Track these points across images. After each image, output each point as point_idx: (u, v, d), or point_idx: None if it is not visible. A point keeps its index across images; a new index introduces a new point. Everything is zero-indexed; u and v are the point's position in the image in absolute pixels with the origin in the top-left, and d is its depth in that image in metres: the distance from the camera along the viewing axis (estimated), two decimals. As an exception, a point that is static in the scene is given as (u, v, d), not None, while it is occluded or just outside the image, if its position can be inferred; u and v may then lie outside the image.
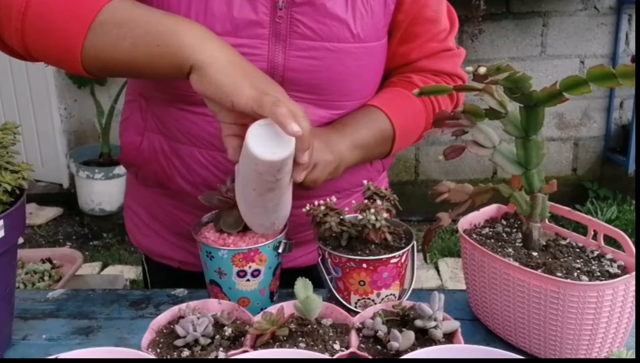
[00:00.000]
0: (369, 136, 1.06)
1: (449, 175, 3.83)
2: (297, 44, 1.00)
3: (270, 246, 0.96)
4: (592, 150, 3.94)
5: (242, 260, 0.94)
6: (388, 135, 1.08)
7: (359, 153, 1.05)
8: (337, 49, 1.01)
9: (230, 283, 0.96)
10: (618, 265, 0.85)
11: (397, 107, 1.09)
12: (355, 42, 1.02)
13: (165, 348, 0.83)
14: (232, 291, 0.96)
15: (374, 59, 1.08)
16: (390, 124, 1.08)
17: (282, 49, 0.99)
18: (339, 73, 1.03)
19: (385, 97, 1.11)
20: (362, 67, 1.06)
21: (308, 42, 1.00)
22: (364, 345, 0.82)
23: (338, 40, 1.01)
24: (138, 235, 1.24)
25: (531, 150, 0.86)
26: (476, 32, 3.49)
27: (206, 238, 0.97)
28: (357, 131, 1.05)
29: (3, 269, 0.88)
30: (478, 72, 0.80)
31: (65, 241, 3.74)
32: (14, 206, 0.86)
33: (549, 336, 0.83)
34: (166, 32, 0.85)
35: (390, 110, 1.08)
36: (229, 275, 0.95)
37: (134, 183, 1.24)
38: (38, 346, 0.95)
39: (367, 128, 1.06)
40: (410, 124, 1.11)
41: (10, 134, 0.91)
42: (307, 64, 1.01)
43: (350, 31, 1.01)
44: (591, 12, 3.68)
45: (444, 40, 1.14)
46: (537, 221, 0.89)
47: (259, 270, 0.96)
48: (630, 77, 0.74)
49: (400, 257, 0.92)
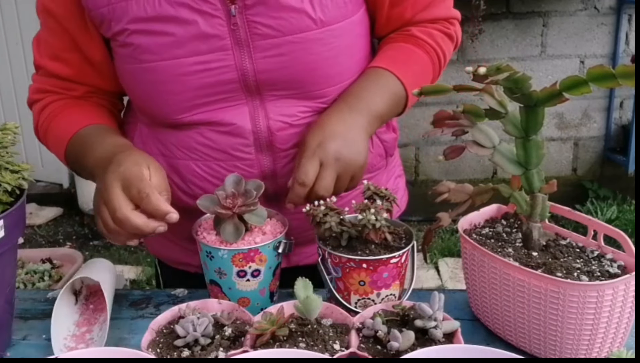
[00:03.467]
0: (384, 103, 1.06)
1: (449, 175, 3.83)
2: (261, 46, 0.99)
3: (270, 246, 0.96)
4: (592, 150, 3.94)
5: (242, 260, 0.94)
6: (401, 96, 1.08)
7: (378, 123, 1.07)
8: (301, 39, 1.00)
9: (230, 283, 0.96)
10: (618, 265, 0.85)
11: (404, 64, 1.09)
12: (318, 27, 1.01)
13: (165, 348, 0.83)
14: (232, 292, 0.96)
15: (346, 38, 1.06)
16: (402, 85, 1.07)
17: (248, 54, 0.99)
18: (310, 63, 1.02)
19: (389, 56, 1.11)
20: (334, 50, 1.04)
21: (271, 40, 0.99)
22: (364, 345, 0.82)
23: (300, 30, 1.00)
24: (156, 245, 1.27)
25: (531, 150, 0.86)
26: (476, 32, 3.49)
27: (206, 238, 0.97)
28: (372, 102, 1.05)
29: (3, 269, 0.88)
30: (478, 72, 0.80)
31: (65, 241, 3.74)
32: (14, 206, 0.86)
33: (549, 336, 0.83)
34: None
35: (398, 70, 1.08)
36: (229, 275, 0.95)
37: None
38: (38, 346, 0.95)
39: (380, 96, 1.06)
40: (419, 80, 1.10)
41: (10, 134, 0.91)
42: (275, 62, 1.00)
43: (311, 18, 1.00)
44: (591, 12, 3.68)
45: None
46: (537, 221, 0.89)
47: (259, 270, 0.96)
48: (630, 77, 0.73)
49: (400, 257, 0.92)
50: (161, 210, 0.89)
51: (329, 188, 0.97)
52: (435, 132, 0.88)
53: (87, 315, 1.01)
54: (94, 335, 0.96)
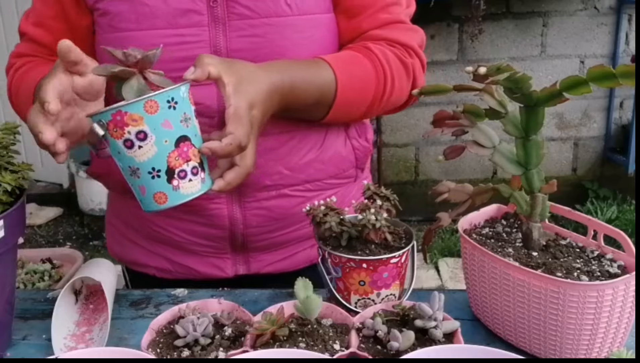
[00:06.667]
0: (305, 76, 0.99)
1: (449, 175, 3.84)
2: (236, 25, 1.01)
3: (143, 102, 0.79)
4: (592, 150, 3.95)
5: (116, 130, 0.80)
6: (329, 85, 1.01)
7: (291, 94, 0.96)
8: (276, 23, 1.01)
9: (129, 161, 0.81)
10: (618, 265, 0.85)
11: (345, 63, 1.05)
12: (294, 14, 1.02)
13: (165, 348, 0.83)
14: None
15: (323, 30, 1.06)
16: (333, 75, 1.01)
17: (223, 32, 1.01)
18: (283, 47, 1.02)
19: (335, 55, 1.07)
20: (308, 40, 1.04)
21: (247, 20, 1.00)
22: (364, 345, 0.82)
23: (277, 14, 1.01)
24: (116, 246, 1.24)
25: (531, 150, 0.86)
26: (476, 32, 3.49)
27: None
28: (290, 67, 0.98)
29: (3, 269, 0.88)
30: (478, 72, 0.80)
31: (65, 241, 3.75)
32: (14, 206, 0.86)
33: (549, 336, 0.83)
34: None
35: (335, 63, 1.03)
36: (121, 153, 0.81)
37: (110, 196, 1.25)
38: (38, 346, 0.95)
39: (303, 70, 1.00)
40: (355, 83, 1.04)
41: (10, 134, 0.91)
42: (249, 42, 1.01)
43: (287, 4, 1.01)
44: (591, 12, 3.69)
45: (396, 14, 1.10)
46: (537, 221, 0.89)
47: (144, 132, 0.79)
48: (630, 77, 0.73)
49: (400, 257, 0.92)
50: (40, 98, 0.82)
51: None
52: (435, 132, 0.88)
53: (87, 315, 1.01)
54: (94, 335, 0.96)
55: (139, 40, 1.00)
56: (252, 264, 1.15)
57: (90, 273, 1.00)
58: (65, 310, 0.98)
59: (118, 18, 1.01)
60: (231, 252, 1.13)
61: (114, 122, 0.79)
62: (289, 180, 1.09)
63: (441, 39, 3.64)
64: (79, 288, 1.04)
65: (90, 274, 0.99)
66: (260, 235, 1.12)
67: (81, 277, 1.00)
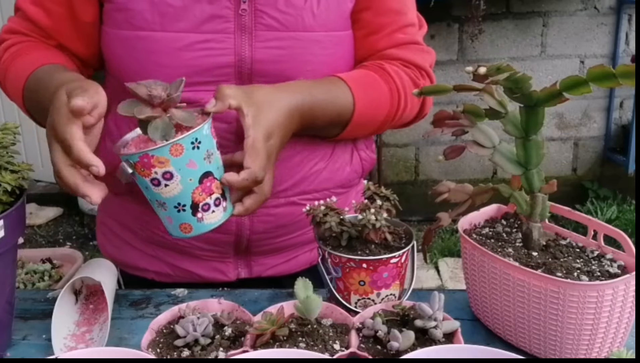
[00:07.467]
0: (325, 96, 1.00)
1: (449, 175, 3.83)
2: (263, 35, 1.00)
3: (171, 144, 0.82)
4: (592, 150, 3.95)
5: (143, 169, 0.84)
6: (347, 107, 1.03)
7: (309, 114, 0.98)
8: (302, 37, 1.01)
9: (155, 196, 0.86)
10: (618, 265, 0.85)
11: (362, 84, 1.05)
12: (321, 30, 1.02)
13: (165, 348, 0.83)
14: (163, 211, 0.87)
15: (345, 47, 1.07)
16: (352, 97, 1.03)
17: (249, 41, 1.00)
18: (307, 62, 1.02)
19: (352, 74, 1.07)
20: (333, 56, 1.05)
21: (274, 32, 1.00)
22: (364, 345, 0.82)
23: (304, 29, 1.01)
24: (110, 248, 1.21)
25: (531, 150, 0.86)
26: (476, 32, 3.49)
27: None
28: (310, 87, 0.99)
29: (3, 269, 0.88)
30: (478, 72, 0.80)
31: (65, 241, 3.75)
32: (14, 206, 0.86)
33: (549, 336, 0.83)
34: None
35: (354, 85, 1.03)
36: (149, 189, 0.85)
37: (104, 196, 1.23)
38: (38, 346, 0.95)
39: (323, 91, 1.01)
40: (372, 105, 1.06)
41: (10, 134, 0.91)
42: (274, 54, 1.01)
43: (315, 20, 1.01)
44: (591, 12, 3.68)
45: (412, 34, 1.12)
46: (537, 221, 0.89)
47: (170, 172, 0.83)
48: (630, 77, 0.73)
49: (400, 257, 0.92)
50: (83, 162, 0.81)
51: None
52: (435, 132, 0.88)
53: (87, 315, 1.01)
54: (94, 335, 0.96)
55: (161, 42, 0.99)
56: (254, 267, 1.14)
57: (90, 273, 1.00)
58: (65, 310, 0.98)
59: (139, 16, 0.99)
60: (234, 256, 1.13)
61: (142, 164, 0.83)
62: (299, 189, 1.09)
63: (441, 39, 3.64)
64: (79, 288, 1.04)
65: (90, 274, 0.99)
66: (265, 240, 1.11)
67: (81, 277, 1.00)
